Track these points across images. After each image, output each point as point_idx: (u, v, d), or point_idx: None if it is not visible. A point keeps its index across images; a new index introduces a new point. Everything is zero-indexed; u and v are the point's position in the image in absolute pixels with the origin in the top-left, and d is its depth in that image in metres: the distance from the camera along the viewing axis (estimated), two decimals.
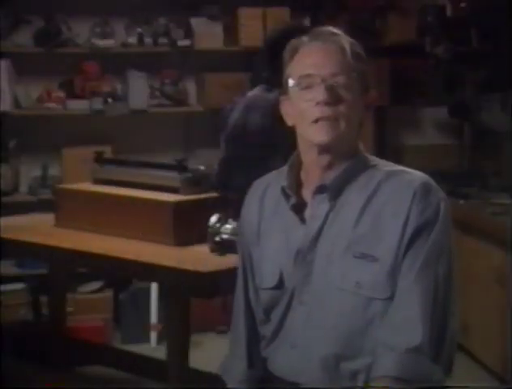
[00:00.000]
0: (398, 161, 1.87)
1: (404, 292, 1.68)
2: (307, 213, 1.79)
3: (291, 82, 1.77)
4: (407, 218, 1.70)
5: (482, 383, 3.71)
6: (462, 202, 4.16)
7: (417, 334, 1.65)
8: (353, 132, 1.78)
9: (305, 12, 5.04)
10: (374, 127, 5.04)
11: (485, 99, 4.77)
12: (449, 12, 5.01)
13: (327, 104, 1.71)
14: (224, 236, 2.75)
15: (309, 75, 1.73)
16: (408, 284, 1.68)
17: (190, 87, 5.09)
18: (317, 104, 1.71)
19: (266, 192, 1.90)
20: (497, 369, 3.77)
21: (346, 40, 1.76)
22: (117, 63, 4.80)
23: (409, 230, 1.69)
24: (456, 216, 3.82)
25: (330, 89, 1.71)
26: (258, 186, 1.94)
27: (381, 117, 5.17)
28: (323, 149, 1.75)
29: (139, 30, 4.83)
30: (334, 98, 1.71)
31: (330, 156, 1.76)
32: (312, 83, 1.73)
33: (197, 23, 4.87)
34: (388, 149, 5.21)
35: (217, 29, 4.90)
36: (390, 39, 5.07)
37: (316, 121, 1.72)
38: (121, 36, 4.86)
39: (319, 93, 1.71)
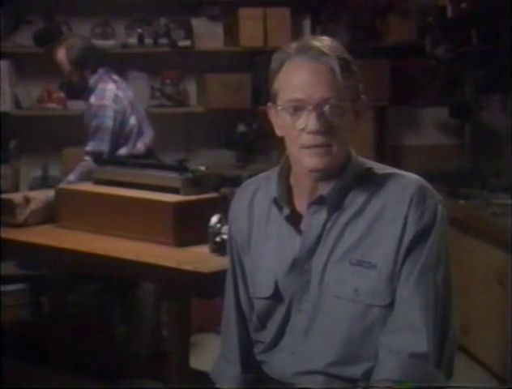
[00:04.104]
0: (398, 161, 1.87)
1: (405, 298, 1.67)
2: (303, 223, 1.77)
3: (279, 106, 1.72)
4: (405, 224, 1.69)
5: (482, 383, 3.71)
6: (462, 202, 4.16)
7: (422, 340, 1.65)
8: (345, 148, 1.75)
9: (306, 12, 5.05)
10: (374, 127, 5.04)
11: (485, 99, 4.77)
12: (449, 13, 5.01)
13: (319, 132, 1.67)
14: (225, 236, 2.74)
15: (298, 100, 1.68)
16: (409, 290, 1.67)
17: (191, 87, 5.09)
18: (309, 133, 1.68)
19: (255, 197, 1.87)
20: (496, 369, 3.76)
21: (335, 60, 1.68)
22: (117, 64, 4.81)
23: (407, 236, 1.68)
24: (456, 216, 3.87)
25: (322, 117, 1.67)
26: (246, 190, 1.90)
27: (380, 118, 5.17)
28: (316, 171, 1.72)
29: (140, 30, 4.84)
30: (325, 126, 1.67)
31: (322, 175, 1.73)
32: (302, 109, 1.68)
33: (197, 23, 4.88)
34: (388, 149, 5.22)
35: (217, 29, 4.91)
36: (391, 39, 5.08)
37: (308, 148, 1.69)
38: (121, 37, 4.87)
39: (311, 122, 1.67)
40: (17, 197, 3.54)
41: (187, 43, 4.86)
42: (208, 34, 4.89)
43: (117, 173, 3.34)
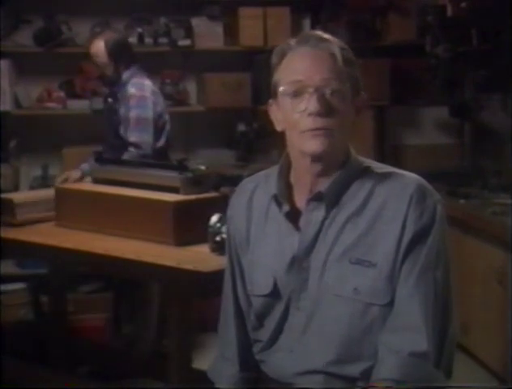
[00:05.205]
0: (398, 161, 1.87)
1: (405, 297, 1.67)
2: (301, 220, 1.77)
3: (281, 88, 1.73)
4: (405, 223, 1.69)
5: (482, 383, 3.71)
6: (462, 201, 4.16)
7: (422, 339, 1.65)
8: (345, 139, 1.76)
9: (306, 12, 5.05)
10: (374, 127, 5.04)
11: (485, 99, 4.77)
12: (449, 12, 5.02)
13: (320, 114, 1.68)
14: (225, 235, 2.74)
15: (299, 81, 1.69)
16: (408, 289, 1.67)
17: (191, 87, 5.09)
18: (310, 115, 1.68)
19: (254, 194, 1.87)
20: (497, 369, 3.77)
21: (336, 46, 1.71)
22: None
23: (407, 235, 1.68)
24: (456, 216, 3.87)
25: (323, 99, 1.67)
26: (245, 187, 1.90)
27: (381, 117, 5.17)
28: (316, 159, 1.72)
29: (140, 30, 4.83)
30: (326, 109, 1.68)
31: (323, 164, 1.73)
32: (303, 91, 1.69)
33: (197, 23, 4.88)
34: (388, 149, 5.21)
35: (217, 29, 4.90)
36: (391, 39, 5.08)
37: (309, 131, 1.69)
38: None
39: (311, 104, 1.67)
40: (18, 196, 3.55)
41: (187, 42, 4.86)
42: (208, 33, 4.89)
43: (117, 173, 3.34)
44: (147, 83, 4.05)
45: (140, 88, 3.98)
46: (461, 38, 4.81)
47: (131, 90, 3.95)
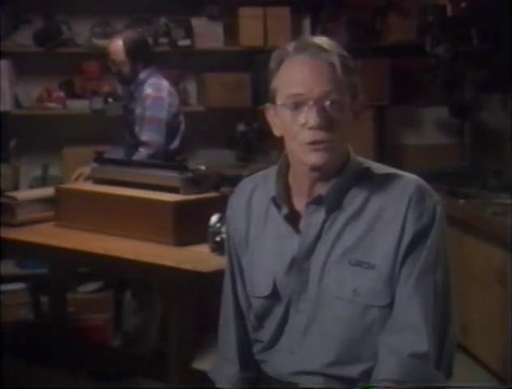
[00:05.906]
0: (398, 161, 1.86)
1: (405, 299, 1.67)
2: (301, 222, 1.77)
3: (280, 101, 1.71)
4: (404, 224, 1.68)
5: (482, 383, 3.71)
6: (462, 201, 4.16)
7: (422, 340, 1.65)
8: (345, 145, 1.75)
9: (306, 12, 5.04)
10: (374, 127, 5.04)
11: (485, 99, 4.77)
12: (449, 12, 5.02)
13: (320, 128, 1.66)
14: (225, 236, 2.74)
15: (299, 95, 1.67)
16: (408, 290, 1.67)
17: (191, 87, 5.09)
18: (310, 128, 1.67)
19: (253, 195, 1.86)
20: (497, 369, 3.76)
21: (335, 55, 1.68)
22: None
23: (406, 237, 1.68)
24: (456, 216, 3.87)
25: (323, 112, 1.66)
26: (244, 188, 1.90)
27: (381, 117, 5.17)
28: (316, 168, 1.72)
29: (140, 30, 4.83)
30: (326, 122, 1.66)
31: (321, 172, 1.73)
32: (302, 104, 1.67)
33: (197, 22, 4.88)
34: (388, 149, 5.21)
35: (217, 29, 4.90)
36: (391, 38, 5.07)
37: (309, 144, 1.68)
38: None
39: (311, 117, 1.66)
40: (20, 195, 3.55)
41: (187, 42, 4.86)
42: (208, 33, 4.89)
43: (117, 173, 3.34)
44: (164, 83, 4.09)
45: (157, 89, 4.01)
46: (461, 38, 4.80)
47: (148, 90, 3.99)
